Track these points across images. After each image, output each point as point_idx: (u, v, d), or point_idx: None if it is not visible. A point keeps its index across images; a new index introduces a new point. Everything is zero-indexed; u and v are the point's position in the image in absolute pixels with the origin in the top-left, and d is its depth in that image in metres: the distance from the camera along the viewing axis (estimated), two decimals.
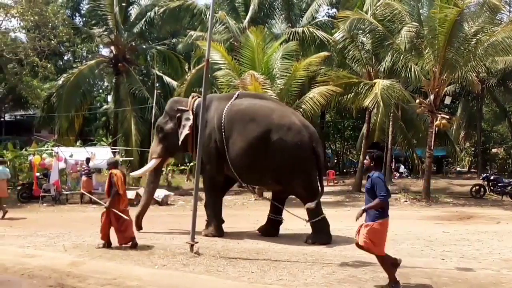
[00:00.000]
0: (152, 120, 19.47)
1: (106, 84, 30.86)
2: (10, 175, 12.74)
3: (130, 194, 15.26)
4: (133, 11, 22.79)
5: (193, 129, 9.26)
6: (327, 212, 13.99)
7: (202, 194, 9.85)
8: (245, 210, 14.68)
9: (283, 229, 9.66)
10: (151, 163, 10.05)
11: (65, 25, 20.60)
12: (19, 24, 19.39)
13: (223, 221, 9.59)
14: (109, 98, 32.23)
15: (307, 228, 8.91)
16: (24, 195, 16.05)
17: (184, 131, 9.38)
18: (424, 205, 15.95)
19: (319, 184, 9.07)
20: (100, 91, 34.37)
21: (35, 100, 21.74)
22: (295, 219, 9.09)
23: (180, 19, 21.23)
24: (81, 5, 33.02)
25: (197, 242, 7.42)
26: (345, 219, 12.06)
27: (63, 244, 8.24)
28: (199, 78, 20.33)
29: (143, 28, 22.29)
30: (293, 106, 16.95)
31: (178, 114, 9.62)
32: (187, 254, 7.24)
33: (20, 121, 33.39)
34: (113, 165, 8.21)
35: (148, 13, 22.00)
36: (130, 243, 7.86)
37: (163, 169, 27.15)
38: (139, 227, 9.45)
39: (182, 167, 27.34)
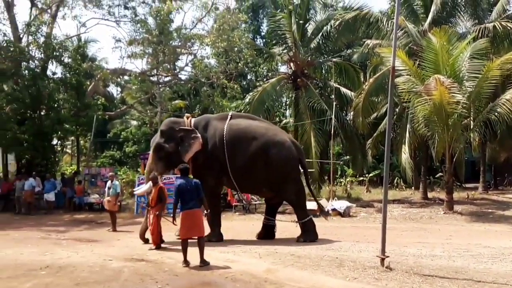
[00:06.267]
0: (332, 132, 19.60)
1: (285, 99, 32.38)
2: (120, 191, 13.28)
3: (313, 205, 15.65)
4: (310, 27, 23.44)
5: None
6: None
7: (390, 207, 9.55)
8: (433, 224, 13.74)
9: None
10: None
11: (248, 48, 22.38)
12: (212, 51, 21.74)
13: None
14: (287, 112, 33.69)
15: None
16: None
17: (194, 148, 10.27)
18: None
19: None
20: (279, 106, 36.21)
21: None
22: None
23: (356, 29, 21.12)
24: (262, 27, 35.49)
25: (387, 257, 7.18)
26: None
27: (258, 252, 8.85)
28: (377, 87, 19.84)
29: (320, 42, 22.78)
30: (486, 110, 15.36)
31: (181, 134, 10.43)
32: (378, 268, 7.06)
33: None
34: (157, 179, 9.66)
35: (324, 28, 22.47)
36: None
37: (341, 180, 27.18)
38: (144, 240, 10.22)
39: (361, 178, 26.98)
